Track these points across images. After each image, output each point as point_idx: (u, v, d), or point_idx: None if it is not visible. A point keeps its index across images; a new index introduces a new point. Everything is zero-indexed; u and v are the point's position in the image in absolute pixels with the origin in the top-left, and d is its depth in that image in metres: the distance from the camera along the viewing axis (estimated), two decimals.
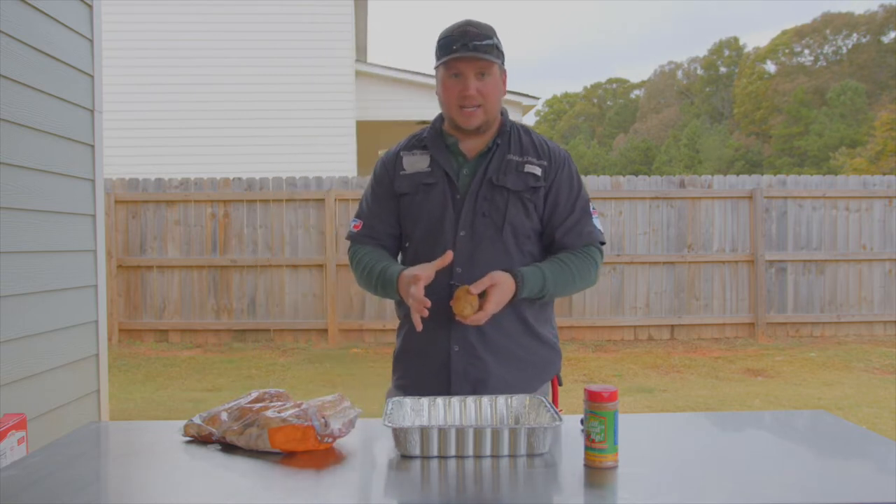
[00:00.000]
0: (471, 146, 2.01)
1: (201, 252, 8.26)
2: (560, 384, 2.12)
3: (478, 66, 1.90)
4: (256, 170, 9.34)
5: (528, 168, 1.98)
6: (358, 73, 11.66)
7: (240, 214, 8.28)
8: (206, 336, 8.26)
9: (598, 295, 8.34)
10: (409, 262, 2.01)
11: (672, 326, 8.46)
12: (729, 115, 47.52)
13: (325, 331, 8.23)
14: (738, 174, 9.69)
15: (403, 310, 2.04)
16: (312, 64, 11.23)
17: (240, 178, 8.36)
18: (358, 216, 2.11)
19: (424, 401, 1.70)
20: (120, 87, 9.85)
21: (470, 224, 1.94)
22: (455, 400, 1.71)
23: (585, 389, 1.47)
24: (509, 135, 2.02)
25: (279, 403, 1.65)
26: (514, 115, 12.61)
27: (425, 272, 1.84)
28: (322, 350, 7.97)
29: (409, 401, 1.69)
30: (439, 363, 1.95)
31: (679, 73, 55.29)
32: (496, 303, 1.83)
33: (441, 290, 1.87)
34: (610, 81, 61.32)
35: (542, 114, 59.86)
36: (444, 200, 1.97)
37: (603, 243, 2.07)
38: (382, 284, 1.96)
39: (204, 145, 10.96)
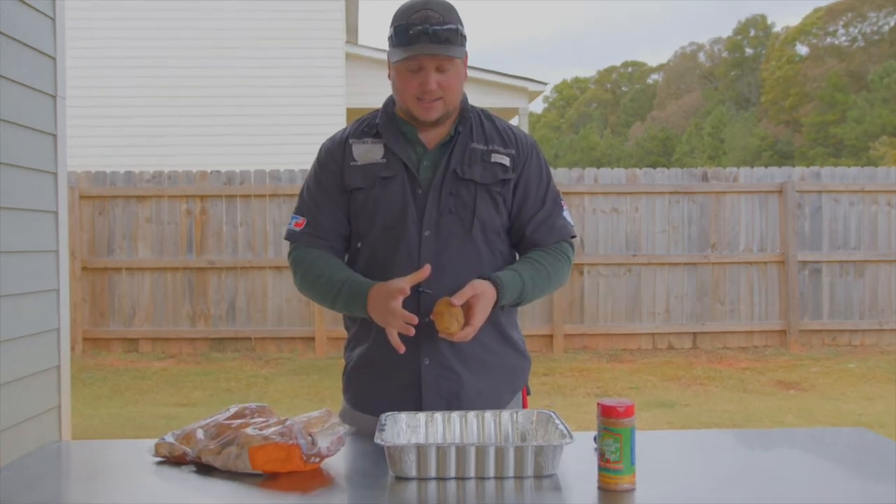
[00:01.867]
0: (430, 135, 1.98)
1: (175, 253, 8.26)
2: (528, 393, 2.11)
3: (439, 59, 1.88)
4: (237, 162, 9.34)
5: (496, 158, 1.96)
6: (349, 56, 11.67)
7: (218, 211, 8.28)
8: (181, 345, 8.26)
9: (612, 299, 8.35)
10: (363, 265, 1.97)
11: (694, 334, 8.46)
12: (756, 101, 47.59)
13: (312, 339, 8.24)
14: (766, 166, 9.72)
15: (357, 323, 2.00)
16: (299, 45, 11.24)
17: (218, 171, 8.36)
18: (299, 212, 2.02)
19: (421, 416, 1.70)
20: (85, 69, 9.85)
21: (435, 222, 1.91)
22: (455, 415, 1.71)
23: (599, 404, 1.47)
24: (471, 121, 2.00)
25: (261, 420, 1.65)
26: (519, 102, 12.71)
27: (403, 286, 1.79)
28: (309, 360, 7.97)
29: (404, 416, 1.69)
30: (407, 379, 1.91)
31: (701, 56, 55.35)
32: (482, 316, 1.81)
33: (408, 299, 1.81)
34: (625, 65, 61.39)
35: (550, 100, 60.04)
36: (403, 195, 1.92)
37: (574, 237, 2.07)
38: (346, 299, 1.89)
39: (178, 135, 10.96)
